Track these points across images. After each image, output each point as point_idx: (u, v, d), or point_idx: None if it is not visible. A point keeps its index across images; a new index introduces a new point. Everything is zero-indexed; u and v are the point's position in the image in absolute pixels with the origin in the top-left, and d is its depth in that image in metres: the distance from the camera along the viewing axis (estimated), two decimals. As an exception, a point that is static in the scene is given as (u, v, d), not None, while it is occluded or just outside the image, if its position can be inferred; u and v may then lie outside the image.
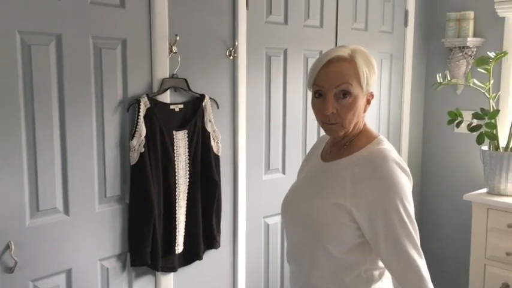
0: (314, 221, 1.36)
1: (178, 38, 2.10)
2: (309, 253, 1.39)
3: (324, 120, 1.36)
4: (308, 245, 1.39)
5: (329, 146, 1.48)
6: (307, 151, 2.69)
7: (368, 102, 1.39)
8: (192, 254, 2.23)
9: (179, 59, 2.12)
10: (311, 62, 2.68)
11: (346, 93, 1.32)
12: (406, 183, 1.31)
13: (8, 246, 1.72)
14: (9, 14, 1.67)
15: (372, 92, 1.39)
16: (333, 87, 1.32)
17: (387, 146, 1.38)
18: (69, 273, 1.90)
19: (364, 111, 1.39)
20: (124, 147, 2.01)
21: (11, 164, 1.72)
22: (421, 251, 1.31)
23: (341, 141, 1.42)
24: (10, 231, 1.73)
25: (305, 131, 2.71)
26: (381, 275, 1.39)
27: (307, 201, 1.41)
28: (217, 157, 2.27)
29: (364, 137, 1.40)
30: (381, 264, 1.37)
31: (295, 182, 1.59)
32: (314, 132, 2.75)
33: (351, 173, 1.33)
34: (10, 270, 1.73)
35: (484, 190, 2.87)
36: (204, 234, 2.25)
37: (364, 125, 1.42)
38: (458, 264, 3.24)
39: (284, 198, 1.53)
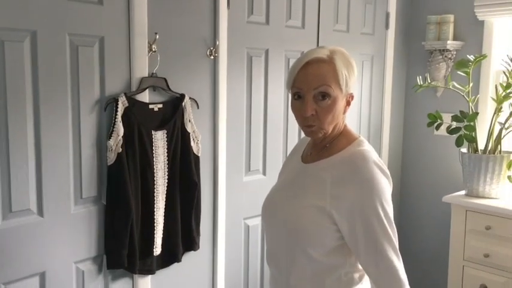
0: (293, 223, 1.35)
1: (158, 37, 2.06)
2: (289, 255, 1.38)
3: (303, 123, 1.35)
4: (287, 247, 1.38)
5: (310, 147, 1.48)
6: (288, 152, 2.68)
7: (348, 103, 1.38)
8: (170, 256, 2.19)
9: (159, 57, 2.09)
10: (292, 62, 2.66)
11: (325, 95, 1.31)
12: (385, 186, 1.31)
13: (-22, 249, 1.67)
14: (-19, 8, 1.62)
15: (351, 93, 1.38)
16: (311, 89, 1.31)
17: (367, 147, 1.37)
18: (43, 276, 1.85)
19: (344, 112, 1.38)
20: (101, 147, 1.97)
21: (-18, 164, 1.67)
22: (399, 253, 1.30)
23: (321, 142, 1.41)
24: (-19, 233, 1.68)
25: (286, 131, 2.70)
26: (361, 278, 1.39)
27: (287, 203, 1.40)
28: (197, 158, 2.24)
29: (344, 138, 1.39)
30: (361, 266, 1.36)
31: (275, 183, 1.58)
32: (295, 133, 2.73)
33: (331, 175, 1.32)
34: (-19, 273, 1.67)
35: (463, 192, 2.89)
36: (183, 236, 2.21)
37: (345, 126, 1.42)
38: (437, 266, 3.26)
39: (265, 199, 1.52)
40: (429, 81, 2.94)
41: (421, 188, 3.40)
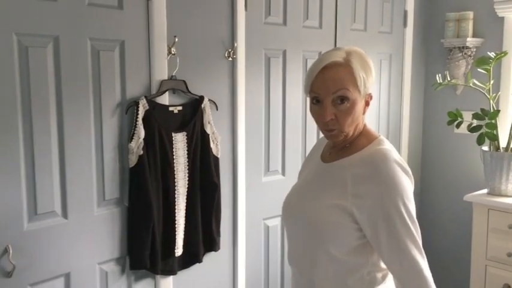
0: (315, 223, 1.35)
1: (176, 40, 2.08)
2: (310, 255, 1.38)
3: (323, 127, 1.36)
4: (309, 246, 1.38)
5: (329, 147, 1.48)
6: (307, 152, 2.68)
7: (367, 104, 1.38)
8: (191, 257, 2.21)
9: (178, 60, 2.11)
10: (310, 63, 2.64)
11: (343, 99, 1.32)
12: (407, 184, 1.30)
13: (6, 251, 1.71)
14: (6, 15, 1.66)
15: (370, 94, 1.38)
16: (330, 94, 1.31)
17: (388, 146, 1.37)
18: (67, 277, 1.89)
19: (364, 113, 1.39)
20: (122, 150, 1.99)
21: (8, 167, 1.70)
22: (423, 251, 1.30)
23: (341, 142, 1.40)
24: (8, 235, 1.72)
25: (304, 132, 2.70)
26: (384, 277, 1.38)
27: (308, 203, 1.40)
28: (216, 159, 2.25)
29: (364, 137, 1.39)
30: (383, 265, 1.36)
31: (295, 183, 1.58)
32: (313, 134, 2.73)
33: (352, 174, 1.32)
34: (8, 274, 1.71)
35: (485, 191, 2.86)
36: (204, 237, 2.23)
37: (364, 126, 1.42)
38: (459, 265, 3.22)
39: (285, 199, 1.53)
40: (449, 79, 2.91)
41: (441, 187, 3.36)
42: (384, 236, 1.28)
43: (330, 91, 1.31)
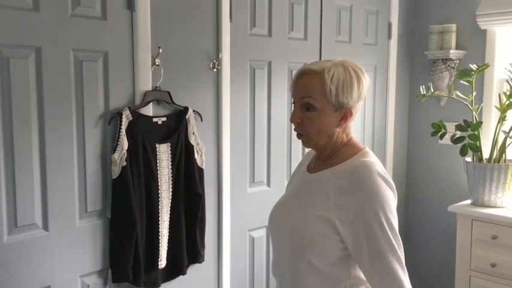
0: (297, 233, 1.36)
1: (161, 51, 2.08)
2: (293, 265, 1.39)
3: (294, 130, 1.42)
4: (292, 257, 1.39)
5: (315, 158, 1.49)
6: (292, 163, 2.70)
7: (344, 118, 1.37)
8: (175, 269, 2.19)
9: (162, 71, 2.10)
10: (295, 74, 2.68)
11: (309, 107, 1.35)
12: (390, 197, 1.30)
13: (-16, 264, 1.68)
14: (-13, 26, 1.65)
15: (349, 108, 1.35)
16: (298, 99, 1.38)
17: (372, 158, 1.37)
18: (49, 290, 1.86)
19: (338, 126, 1.37)
20: (105, 161, 1.98)
21: (-12, 179, 1.68)
22: (404, 266, 1.29)
23: (324, 152, 1.42)
24: (-13, 248, 1.69)
25: (290, 143, 2.71)
26: None
27: (291, 213, 1.41)
28: (201, 170, 2.24)
29: (348, 149, 1.39)
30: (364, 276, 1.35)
31: (283, 194, 1.58)
32: (299, 145, 2.74)
33: (334, 185, 1.32)
34: (-14, 288, 1.68)
35: (469, 201, 2.88)
36: (188, 249, 2.21)
37: (350, 138, 1.42)
38: (443, 276, 3.24)
39: (271, 210, 1.53)
40: (432, 90, 2.95)
41: (426, 198, 3.38)
42: (364, 249, 1.28)
43: (298, 96, 1.37)
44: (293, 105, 1.41)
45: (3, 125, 1.70)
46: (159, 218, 2.09)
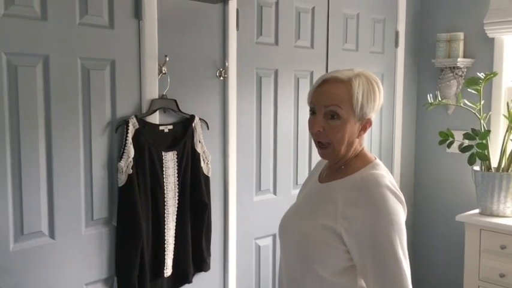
0: (304, 242, 1.35)
1: (167, 59, 2.09)
2: (300, 275, 1.38)
3: (314, 138, 1.38)
4: (299, 266, 1.38)
5: (326, 168, 1.48)
6: (299, 172, 2.70)
7: (363, 128, 1.37)
8: (181, 277, 2.18)
9: (169, 79, 2.11)
10: (302, 82, 2.68)
11: (334, 115, 1.32)
12: (398, 211, 1.28)
13: (-10, 271, 1.68)
14: (-5, 35, 1.66)
15: (369, 119, 1.37)
16: (322, 106, 1.33)
17: (382, 171, 1.35)
18: (54, 298, 1.86)
19: (358, 136, 1.37)
20: (112, 169, 1.98)
21: (-5, 187, 1.69)
22: (409, 281, 1.26)
23: (336, 163, 1.41)
24: (-7, 256, 1.70)
25: (296, 151, 2.70)
26: None
27: (300, 222, 1.40)
28: (207, 178, 2.24)
29: (359, 160, 1.38)
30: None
31: (293, 203, 1.58)
32: (305, 153, 2.73)
33: (343, 196, 1.31)
34: (-8, 296, 1.68)
35: (477, 211, 2.85)
36: (194, 257, 2.21)
37: (362, 149, 1.41)
38: (451, 286, 3.20)
39: (282, 219, 1.52)
40: (440, 99, 2.93)
41: (433, 207, 3.36)
42: (370, 263, 1.26)
43: (323, 104, 1.33)
44: (310, 112, 1.37)
45: (11, 132, 1.71)
46: (165, 226, 2.09)
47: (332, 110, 1.32)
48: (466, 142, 2.78)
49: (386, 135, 3.22)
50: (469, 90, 2.81)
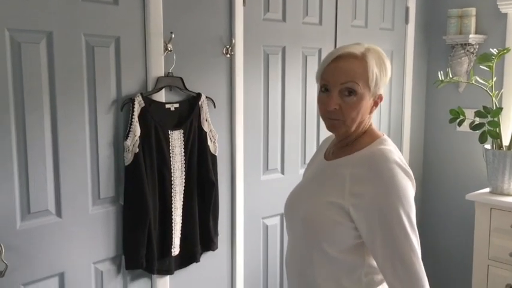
0: (311, 220, 1.34)
1: (173, 36, 2.05)
2: (307, 252, 1.37)
3: (326, 115, 1.34)
4: (306, 244, 1.37)
5: (333, 145, 1.46)
6: (307, 150, 2.67)
7: (375, 104, 1.36)
8: (188, 256, 2.18)
9: (174, 57, 2.07)
10: (310, 59, 2.63)
11: (351, 92, 1.29)
12: (407, 186, 1.26)
13: (-2, 250, 1.68)
14: (-3, 11, 1.63)
15: (380, 95, 1.35)
16: (338, 84, 1.30)
17: (390, 146, 1.33)
18: (62, 276, 1.86)
19: (370, 112, 1.36)
20: (118, 148, 1.96)
21: (0, 166, 1.67)
22: (420, 260, 1.24)
23: (344, 140, 1.38)
24: (0, 234, 1.69)
25: (304, 130, 2.67)
26: (382, 280, 1.34)
27: (306, 200, 1.39)
28: (214, 157, 2.22)
29: (367, 136, 1.36)
30: None
31: (299, 182, 1.56)
32: (313, 132, 2.70)
33: (350, 173, 1.29)
34: (1, 274, 1.68)
35: (487, 189, 2.82)
36: (201, 236, 2.20)
37: (370, 125, 1.39)
38: (461, 265, 3.19)
39: (287, 198, 1.51)
40: (451, 76, 2.87)
41: (443, 186, 3.32)
42: (378, 239, 1.24)
43: (339, 81, 1.29)
44: (322, 90, 1.34)
45: (16, 111, 1.69)
46: (172, 205, 2.07)
47: (349, 87, 1.29)
48: (477, 120, 2.73)
49: (396, 113, 3.18)
50: (480, 67, 2.75)
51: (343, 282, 1.32)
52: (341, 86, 1.29)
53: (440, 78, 2.84)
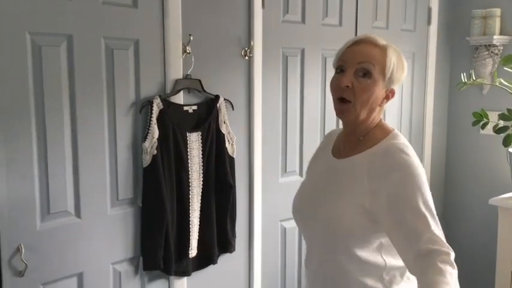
0: (333, 223, 1.31)
1: (192, 38, 2.06)
2: (330, 255, 1.35)
3: (337, 95, 1.32)
4: (328, 246, 1.35)
5: (341, 141, 1.43)
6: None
7: (387, 97, 1.34)
8: (206, 258, 2.18)
9: (193, 59, 2.08)
10: (329, 61, 2.61)
11: (366, 73, 1.29)
12: (424, 176, 1.26)
13: (18, 250, 1.70)
14: (19, 14, 1.66)
15: (393, 89, 1.34)
16: (355, 63, 1.30)
17: (403, 140, 1.33)
18: (80, 276, 1.88)
19: (381, 104, 1.34)
20: (136, 150, 1.98)
21: (21, 167, 1.70)
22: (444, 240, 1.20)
23: (354, 132, 1.37)
24: (20, 234, 1.72)
25: (323, 132, 2.64)
26: (402, 276, 1.33)
27: (324, 202, 1.36)
28: (232, 159, 2.22)
29: (379, 130, 1.35)
30: (402, 264, 1.27)
31: (305, 180, 1.54)
32: (333, 134, 2.67)
33: (367, 170, 1.27)
34: (20, 273, 1.71)
35: (511, 194, 2.75)
36: (219, 238, 2.20)
37: (380, 119, 1.38)
38: (483, 271, 3.12)
39: (295, 196, 1.49)
40: (474, 78, 2.81)
41: (466, 190, 3.26)
42: (397, 225, 1.20)
43: (356, 60, 1.30)
44: (338, 71, 1.33)
45: (36, 112, 1.72)
46: (190, 207, 2.08)
47: (365, 67, 1.29)
48: (501, 123, 2.67)
49: (417, 116, 3.13)
50: (505, 68, 2.68)
51: (368, 282, 1.31)
52: (358, 65, 1.29)
53: (464, 80, 2.78)
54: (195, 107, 2.10)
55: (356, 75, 1.29)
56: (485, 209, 2.93)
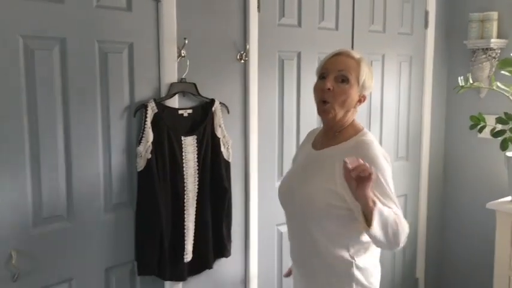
0: (309, 203, 1.60)
1: (187, 42, 2.05)
2: (305, 228, 1.63)
3: (320, 98, 1.61)
4: (303, 219, 1.63)
5: (320, 136, 1.73)
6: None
7: (360, 101, 1.64)
8: (201, 263, 2.17)
9: (188, 63, 2.07)
10: (326, 65, 2.60)
11: (344, 79, 1.59)
12: (388, 166, 1.56)
13: (10, 255, 1.69)
14: (11, 17, 1.65)
15: (365, 95, 1.64)
16: (336, 70, 1.60)
17: (371, 137, 1.62)
18: (73, 282, 1.87)
19: (355, 106, 1.64)
20: (130, 154, 1.97)
21: (14, 171, 1.69)
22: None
23: (331, 130, 1.65)
24: (13, 240, 1.70)
25: (320, 136, 2.63)
26: (365, 250, 1.61)
27: (302, 186, 1.64)
28: (227, 163, 2.21)
29: (351, 128, 1.65)
30: (365, 239, 1.56)
31: (290, 169, 1.87)
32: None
33: (339, 160, 1.47)
34: (13, 279, 1.69)
35: (509, 198, 2.74)
36: (214, 243, 2.19)
37: (354, 120, 1.66)
38: (481, 276, 3.10)
39: (280, 183, 1.80)
40: (471, 81, 2.80)
41: (463, 194, 3.25)
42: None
43: (337, 68, 1.60)
44: (320, 77, 1.63)
45: (29, 116, 1.71)
46: (185, 212, 2.07)
47: (344, 74, 1.59)
48: (499, 127, 2.66)
49: (415, 119, 3.12)
50: (502, 72, 2.67)
51: (334, 251, 1.59)
52: (338, 72, 1.59)
53: (461, 84, 2.77)
54: (190, 111, 2.09)
55: (336, 81, 1.59)
56: (482, 213, 2.92)
